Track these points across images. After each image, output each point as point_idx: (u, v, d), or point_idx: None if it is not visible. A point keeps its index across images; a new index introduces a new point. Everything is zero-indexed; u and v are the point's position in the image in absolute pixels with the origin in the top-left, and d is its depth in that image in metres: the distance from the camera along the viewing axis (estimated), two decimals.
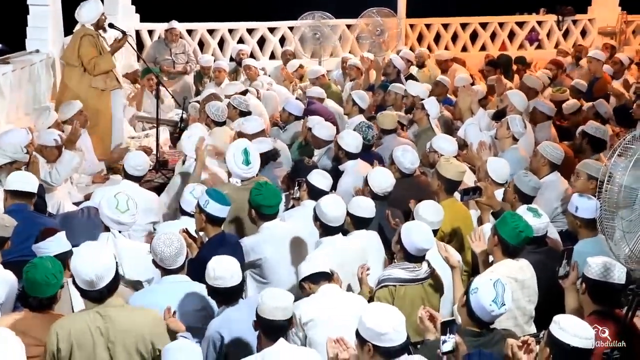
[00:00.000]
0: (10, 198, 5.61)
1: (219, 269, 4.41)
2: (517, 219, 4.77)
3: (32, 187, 5.65)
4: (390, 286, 4.73)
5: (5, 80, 8.03)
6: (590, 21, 14.51)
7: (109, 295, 4.04)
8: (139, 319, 4.12)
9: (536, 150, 6.72)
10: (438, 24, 14.03)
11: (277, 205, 5.56)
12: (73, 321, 4.06)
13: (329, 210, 5.22)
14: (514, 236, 4.70)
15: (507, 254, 4.76)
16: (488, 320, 4.00)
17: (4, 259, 4.89)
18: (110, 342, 4.01)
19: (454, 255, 4.95)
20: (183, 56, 11.55)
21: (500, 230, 4.74)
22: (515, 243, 4.72)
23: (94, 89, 8.30)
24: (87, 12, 8.32)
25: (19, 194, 5.59)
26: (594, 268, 4.27)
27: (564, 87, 9.85)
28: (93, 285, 3.97)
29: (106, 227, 5.31)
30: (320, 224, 5.28)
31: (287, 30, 13.33)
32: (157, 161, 8.46)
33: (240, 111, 8.19)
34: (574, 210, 5.34)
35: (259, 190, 5.47)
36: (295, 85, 11.29)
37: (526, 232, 4.74)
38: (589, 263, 4.31)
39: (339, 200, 5.38)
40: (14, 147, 6.29)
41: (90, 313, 4.04)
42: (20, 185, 5.60)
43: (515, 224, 4.71)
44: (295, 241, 5.53)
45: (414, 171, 6.55)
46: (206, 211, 5.20)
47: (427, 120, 8.09)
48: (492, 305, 3.91)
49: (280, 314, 4.00)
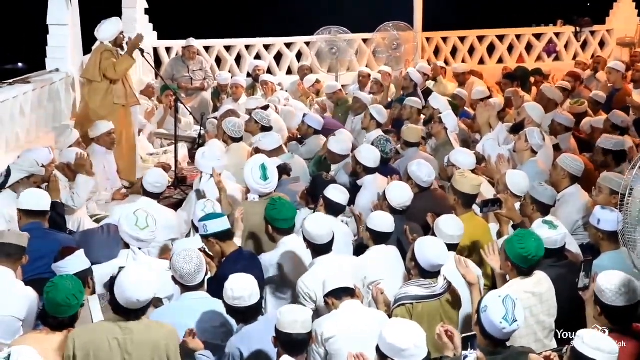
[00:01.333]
0: (24, 217, 5.65)
1: (237, 288, 4.41)
2: (524, 241, 4.63)
3: (44, 205, 5.69)
4: (407, 304, 4.68)
5: (26, 99, 8.12)
6: (609, 32, 14.45)
7: (142, 314, 4.10)
8: (156, 333, 4.16)
9: (556, 162, 6.67)
10: (455, 37, 14.03)
11: (293, 218, 5.54)
12: (91, 331, 4.12)
13: (312, 228, 5.12)
14: (522, 260, 4.62)
15: (519, 274, 4.69)
16: (501, 338, 3.94)
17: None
18: (127, 353, 4.05)
19: (472, 272, 4.89)
20: (200, 73, 11.61)
21: (509, 253, 4.66)
22: (525, 266, 4.65)
23: (116, 105, 8.37)
24: (106, 30, 8.42)
25: (32, 213, 5.63)
26: (607, 294, 4.19)
27: (582, 99, 9.80)
28: (133, 306, 4.04)
29: (126, 244, 5.34)
30: (307, 243, 5.22)
31: (303, 46, 13.37)
32: (176, 177, 8.51)
33: (262, 126, 8.20)
34: (596, 222, 5.28)
35: (274, 205, 5.48)
36: (312, 101, 11.31)
37: (536, 254, 4.63)
38: (602, 288, 4.21)
39: (323, 218, 5.32)
40: (30, 162, 6.34)
41: (109, 324, 4.10)
42: (32, 204, 5.64)
43: (522, 248, 4.60)
44: None
45: (431, 184, 6.53)
46: (210, 233, 5.18)
47: (445, 134, 8.07)
48: (503, 322, 3.86)
49: (299, 327, 4.00)
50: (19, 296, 4.74)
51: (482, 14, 15.34)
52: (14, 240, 4.90)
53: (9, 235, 4.95)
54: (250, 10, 17.18)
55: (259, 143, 7.59)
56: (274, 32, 13.53)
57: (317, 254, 5.19)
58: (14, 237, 4.92)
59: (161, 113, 10.41)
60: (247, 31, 13.62)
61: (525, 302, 4.60)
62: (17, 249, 4.88)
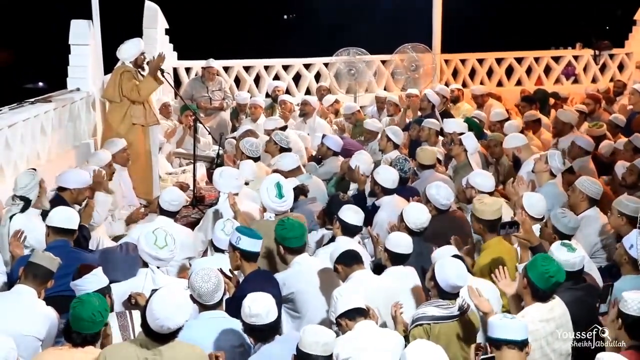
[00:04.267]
0: (52, 234, 5.69)
1: (255, 306, 4.42)
2: (548, 262, 4.63)
3: (73, 224, 5.73)
4: (424, 324, 4.66)
5: (47, 118, 8.19)
6: (628, 55, 14.39)
7: (173, 338, 4.10)
8: (185, 355, 4.16)
9: (574, 185, 6.65)
10: (473, 59, 14.03)
11: (302, 236, 5.54)
12: (122, 349, 4.13)
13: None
14: (543, 280, 4.57)
15: (536, 297, 4.63)
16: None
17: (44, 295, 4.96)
18: None
19: (485, 301, 4.78)
20: (219, 93, 11.67)
21: (530, 273, 4.62)
22: (544, 287, 4.59)
23: (135, 125, 8.44)
24: (128, 50, 8.51)
25: (61, 230, 5.67)
26: (630, 304, 4.21)
27: (601, 122, 9.76)
28: (164, 330, 4.04)
29: (145, 262, 5.36)
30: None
31: (322, 67, 13.43)
32: (194, 197, 8.54)
33: (281, 147, 8.23)
34: (628, 246, 5.26)
35: (282, 224, 5.50)
36: (331, 122, 11.35)
37: (557, 277, 4.59)
38: (625, 299, 4.25)
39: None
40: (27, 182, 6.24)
41: (139, 343, 4.09)
42: (62, 222, 5.68)
43: (545, 268, 4.58)
44: (327, 275, 5.50)
45: (450, 206, 6.52)
46: (240, 248, 5.20)
47: (465, 156, 8.04)
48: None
49: (320, 350, 4.00)
50: (39, 316, 4.76)
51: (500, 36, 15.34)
52: (46, 263, 4.92)
53: (42, 257, 4.96)
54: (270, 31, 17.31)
55: (277, 164, 7.63)
56: (293, 53, 13.61)
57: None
58: (46, 260, 4.93)
59: (180, 133, 10.48)
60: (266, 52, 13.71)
61: (540, 332, 4.56)
62: (46, 272, 4.90)
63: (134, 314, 4.80)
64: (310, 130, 10.50)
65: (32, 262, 4.91)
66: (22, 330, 4.63)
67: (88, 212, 6.47)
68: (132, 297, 5.02)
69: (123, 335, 4.71)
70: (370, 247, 6.34)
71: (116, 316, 4.82)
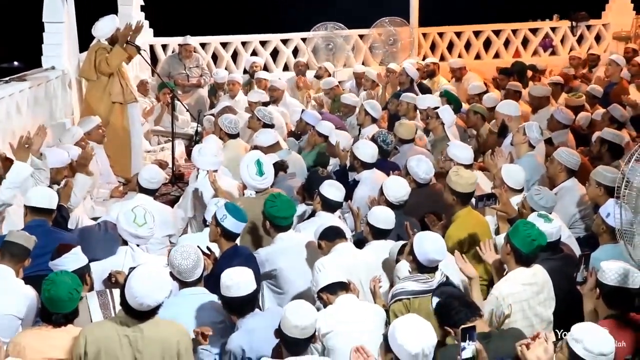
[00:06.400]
0: (30, 214, 5.64)
1: (233, 278, 4.42)
2: (529, 227, 4.73)
3: (52, 204, 5.68)
4: (404, 299, 4.69)
5: (22, 96, 8.09)
6: (605, 26, 14.43)
7: (153, 315, 4.08)
8: (167, 331, 4.15)
9: (552, 156, 6.69)
10: (451, 32, 14.01)
11: (292, 216, 5.57)
12: (102, 328, 4.11)
13: None
14: (526, 244, 4.67)
15: (520, 262, 4.73)
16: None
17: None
18: (138, 351, 4.05)
19: (470, 266, 4.89)
20: (197, 70, 11.60)
21: (513, 238, 4.71)
22: (527, 251, 4.68)
23: (113, 104, 8.36)
24: (103, 27, 8.40)
25: (39, 210, 5.61)
26: (608, 273, 4.27)
27: (580, 92, 9.80)
28: (144, 308, 4.02)
29: (124, 240, 5.34)
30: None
31: (300, 42, 13.36)
32: (173, 174, 8.51)
33: (264, 124, 8.19)
34: (605, 215, 5.30)
35: (273, 202, 5.48)
36: (309, 97, 11.32)
37: (539, 241, 4.69)
38: (603, 268, 4.31)
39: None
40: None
41: (120, 321, 4.08)
42: (40, 202, 5.62)
43: (527, 232, 4.68)
44: (310, 251, 5.53)
45: (429, 180, 6.54)
46: (222, 225, 5.20)
47: (442, 129, 8.06)
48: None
49: (299, 334, 3.99)
50: (18, 295, 4.73)
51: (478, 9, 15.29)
52: (22, 241, 4.90)
53: (17, 235, 4.95)
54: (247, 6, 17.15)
55: (256, 140, 7.61)
56: (271, 29, 13.52)
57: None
58: (22, 238, 4.92)
59: (158, 110, 10.41)
60: (243, 27, 13.61)
61: (522, 294, 4.65)
62: (23, 250, 4.88)
63: (114, 292, 4.77)
64: (284, 108, 10.43)
65: (7, 240, 4.89)
66: (1, 309, 4.61)
67: (67, 192, 6.40)
68: (112, 276, 5.00)
69: (104, 314, 4.67)
70: (350, 222, 6.36)
71: (96, 295, 4.79)
